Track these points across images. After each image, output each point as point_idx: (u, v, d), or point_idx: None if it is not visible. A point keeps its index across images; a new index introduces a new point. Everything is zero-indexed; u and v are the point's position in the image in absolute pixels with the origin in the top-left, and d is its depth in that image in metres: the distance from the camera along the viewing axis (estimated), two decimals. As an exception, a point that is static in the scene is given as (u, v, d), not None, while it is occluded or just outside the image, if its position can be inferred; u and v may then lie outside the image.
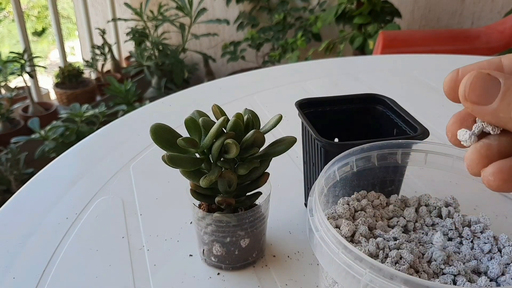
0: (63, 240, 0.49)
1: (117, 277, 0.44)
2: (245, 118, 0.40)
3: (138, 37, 2.50)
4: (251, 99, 0.81)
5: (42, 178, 0.60)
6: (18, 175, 1.76)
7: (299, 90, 0.85)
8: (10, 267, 0.45)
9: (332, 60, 1.03)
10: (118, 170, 0.61)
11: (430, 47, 1.48)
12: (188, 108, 0.75)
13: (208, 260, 0.45)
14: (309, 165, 0.49)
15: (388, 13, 2.17)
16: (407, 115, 0.46)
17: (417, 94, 0.84)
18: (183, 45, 2.60)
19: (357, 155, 0.37)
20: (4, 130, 2.16)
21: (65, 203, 0.55)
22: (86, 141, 0.69)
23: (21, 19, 2.31)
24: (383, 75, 0.92)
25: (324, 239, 0.29)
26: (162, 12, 2.52)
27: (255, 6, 2.72)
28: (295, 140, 0.41)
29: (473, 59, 1.01)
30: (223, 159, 0.39)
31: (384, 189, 0.40)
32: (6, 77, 2.18)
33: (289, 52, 2.46)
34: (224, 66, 2.98)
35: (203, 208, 0.43)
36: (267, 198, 0.43)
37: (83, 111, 1.81)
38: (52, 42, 3.88)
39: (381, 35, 1.48)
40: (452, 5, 2.35)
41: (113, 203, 0.55)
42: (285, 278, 0.43)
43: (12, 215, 0.53)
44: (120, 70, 2.77)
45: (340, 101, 0.51)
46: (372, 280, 0.26)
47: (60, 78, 2.56)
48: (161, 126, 0.39)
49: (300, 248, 0.47)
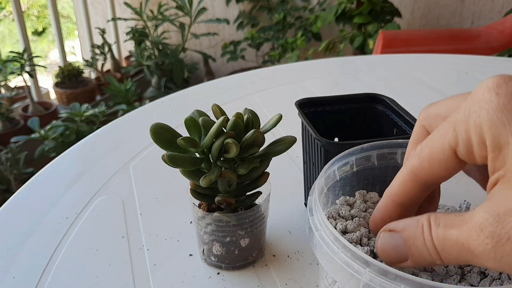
0: (63, 240, 0.49)
1: (117, 277, 0.44)
2: (245, 117, 0.40)
3: (138, 37, 2.50)
4: (251, 99, 0.81)
5: (42, 178, 0.60)
6: (18, 174, 1.76)
7: (299, 90, 0.85)
8: (10, 267, 0.45)
9: (332, 60, 1.03)
10: (118, 170, 0.61)
11: (430, 47, 1.48)
12: (188, 108, 0.75)
13: (208, 259, 0.45)
14: (309, 164, 0.49)
15: (388, 13, 2.17)
16: (407, 115, 0.46)
17: (417, 94, 0.84)
18: (183, 44, 2.60)
19: (357, 155, 0.37)
20: (4, 129, 2.16)
21: (65, 202, 0.55)
22: (86, 141, 0.69)
23: (21, 18, 2.31)
24: (383, 75, 0.92)
25: (324, 238, 0.29)
26: (162, 12, 2.52)
27: (255, 6, 2.72)
28: (295, 140, 0.41)
29: (473, 58, 1.01)
30: (223, 159, 0.39)
31: (384, 189, 0.40)
32: (6, 77, 2.18)
33: (289, 51, 2.46)
34: (224, 65, 2.98)
35: (203, 208, 0.43)
36: (267, 197, 0.43)
37: (83, 111, 1.81)
38: (52, 41, 3.88)
39: (381, 34, 1.48)
40: (452, 4, 2.35)
41: (113, 202, 0.55)
42: (285, 277, 0.43)
43: (12, 215, 0.53)
44: (120, 70, 2.77)
45: (340, 100, 0.51)
46: (372, 280, 0.26)
47: (60, 78, 2.56)
48: (161, 125, 0.39)
49: (300, 247, 0.47)
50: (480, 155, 0.23)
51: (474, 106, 0.23)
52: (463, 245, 0.22)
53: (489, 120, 0.22)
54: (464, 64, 0.97)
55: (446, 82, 0.88)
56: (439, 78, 0.90)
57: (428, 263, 0.25)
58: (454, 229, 0.23)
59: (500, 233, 0.21)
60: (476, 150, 0.23)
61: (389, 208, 0.28)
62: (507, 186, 0.22)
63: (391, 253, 0.26)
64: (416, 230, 0.25)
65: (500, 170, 0.22)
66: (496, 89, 0.22)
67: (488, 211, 0.22)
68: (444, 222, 0.24)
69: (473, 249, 0.22)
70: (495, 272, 0.32)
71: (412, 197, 0.27)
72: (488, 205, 0.22)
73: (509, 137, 0.21)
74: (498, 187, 0.23)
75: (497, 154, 0.22)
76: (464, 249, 0.22)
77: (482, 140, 0.22)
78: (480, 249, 0.21)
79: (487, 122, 0.22)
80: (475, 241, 0.22)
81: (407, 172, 0.26)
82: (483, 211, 0.22)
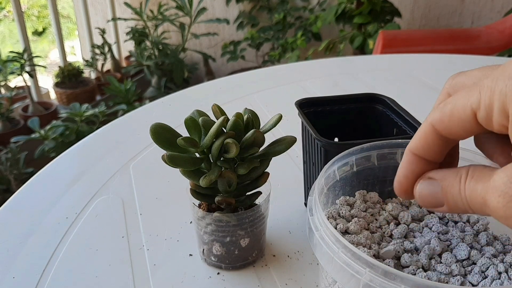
0: (63, 240, 0.49)
1: (117, 277, 0.44)
2: (245, 117, 0.40)
3: (138, 37, 2.50)
4: (251, 99, 0.81)
5: (42, 178, 0.60)
6: (18, 174, 1.76)
7: (299, 90, 0.85)
8: (10, 267, 0.45)
9: (332, 60, 1.03)
10: (118, 170, 0.61)
11: (430, 47, 1.48)
12: (188, 108, 0.75)
13: (208, 259, 0.45)
14: (309, 164, 0.49)
15: (388, 13, 2.17)
16: (407, 115, 0.46)
17: (417, 94, 0.84)
18: (183, 44, 2.60)
19: (357, 155, 0.37)
20: (4, 129, 2.16)
21: (65, 202, 0.55)
22: (86, 141, 0.69)
23: (21, 18, 2.31)
24: (383, 75, 0.92)
25: (324, 238, 0.30)
26: (162, 12, 2.52)
27: (255, 6, 2.72)
28: (295, 140, 0.41)
29: (473, 58, 1.01)
30: (223, 159, 0.39)
31: (384, 189, 0.40)
32: (6, 77, 2.18)
33: (289, 51, 2.46)
34: (224, 65, 2.98)
35: (203, 208, 0.43)
36: (267, 197, 0.43)
37: (83, 111, 1.81)
38: (52, 41, 3.88)
39: (381, 34, 1.48)
40: (452, 4, 2.35)
41: (113, 202, 0.55)
42: (285, 277, 0.43)
43: (12, 215, 0.53)
44: (120, 70, 2.77)
45: (340, 100, 0.51)
46: (372, 280, 0.26)
47: (60, 78, 2.56)
48: (161, 125, 0.39)
49: (300, 247, 0.47)
50: (499, 123, 0.24)
51: (503, 75, 0.24)
52: (483, 199, 0.24)
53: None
54: (464, 64, 0.97)
55: (446, 82, 0.88)
56: (439, 78, 0.90)
57: (461, 211, 0.26)
58: (481, 183, 0.25)
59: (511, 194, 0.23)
60: (495, 117, 0.24)
61: (412, 164, 0.29)
62: None
63: (429, 199, 0.28)
64: (455, 179, 0.26)
65: None
66: None
67: (505, 172, 0.23)
68: (477, 175, 0.25)
69: (488, 204, 0.24)
70: (495, 273, 0.32)
71: (432, 151, 0.28)
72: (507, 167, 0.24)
73: None
74: None
75: None
76: (484, 203, 0.24)
77: (504, 109, 0.23)
78: (493, 206, 0.24)
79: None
80: (491, 198, 0.24)
81: (427, 125, 0.27)
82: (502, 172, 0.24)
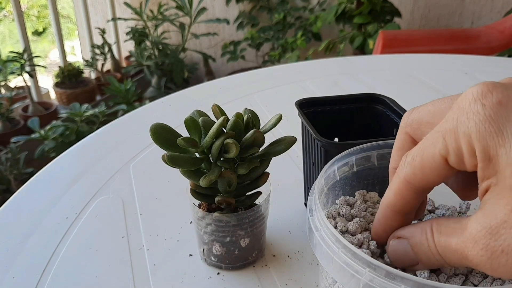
0: (63, 240, 0.49)
1: (117, 277, 0.44)
2: (245, 117, 0.40)
3: (138, 37, 2.50)
4: (251, 99, 0.81)
5: (42, 178, 0.60)
6: (18, 174, 1.76)
7: (299, 90, 0.85)
8: (10, 267, 0.45)
9: (332, 60, 1.03)
10: (118, 170, 0.61)
11: (430, 47, 1.48)
12: (188, 108, 0.76)
13: (208, 259, 0.45)
14: (309, 164, 0.49)
15: (388, 13, 2.17)
16: (407, 115, 0.46)
17: (417, 94, 0.84)
18: (183, 44, 2.60)
19: (357, 155, 0.37)
20: (4, 129, 2.16)
21: (65, 202, 0.55)
22: (86, 141, 0.69)
23: (21, 18, 2.31)
24: (383, 75, 0.92)
25: (324, 238, 0.29)
26: (162, 12, 2.52)
27: (255, 6, 2.72)
28: (295, 140, 0.41)
29: (473, 58, 1.01)
30: (223, 159, 0.39)
31: (384, 189, 0.40)
32: (6, 77, 2.18)
33: (289, 51, 2.46)
34: (224, 65, 2.98)
35: (203, 208, 0.43)
36: (267, 197, 0.43)
37: (83, 111, 1.81)
38: (52, 41, 3.88)
39: (381, 34, 1.48)
40: (452, 4, 2.35)
41: (113, 202, 0.55)
42: (285, 277, 0.43)
43: (12, 215, 0.53)
44: (120, 70, 2.77)
45: (340, 100, 0.51)
46: (372, 280, 0.26)
47: (60, 78, 2.56)
48: (161, 125, 0.39)
49: (300, 247, 0.47)
50: (471, 163, 0.24)
51: (461, 116, 0.24)
52: (462, 253, 0.24)
53: (478, 131, 0.23)
54: (464, 64, 0.97)
55: (446, 82, 0.88)
56: (439, 78, 0.90)
57: (437, 266, 0.26)
58: (453, 237, 0.24)
59: (494, 246, 0.22)
60: (467, 159, 0.24)
61: (389, 219, 0.29)
62: (498, 195, 0.23)
63: (402, 259, 0.28)
64: (421, 236, 0.26)
65: (491, 178, 0.23)
66: (482, 100, 0.23)
67: (481, 223, 0.23)
68: (445, 230, 0.25)
69: (470, 258, 0.23)
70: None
71: (410, 204, 0.28)
72: (481, 216, 0.23)
73: (498, 148, 0.22)
74: (490, 194, 0.23)
75: (487, 164, 0.23)
76: (463, 257, 0.24)
77: (472, 150, 0.23)
78: (477, 260, 0.23)
79: (476, 134, 0.23)
80: (471, 252, 0.23)
81: (401, 181, 0.27)
82: (477, 222, 0.23)
